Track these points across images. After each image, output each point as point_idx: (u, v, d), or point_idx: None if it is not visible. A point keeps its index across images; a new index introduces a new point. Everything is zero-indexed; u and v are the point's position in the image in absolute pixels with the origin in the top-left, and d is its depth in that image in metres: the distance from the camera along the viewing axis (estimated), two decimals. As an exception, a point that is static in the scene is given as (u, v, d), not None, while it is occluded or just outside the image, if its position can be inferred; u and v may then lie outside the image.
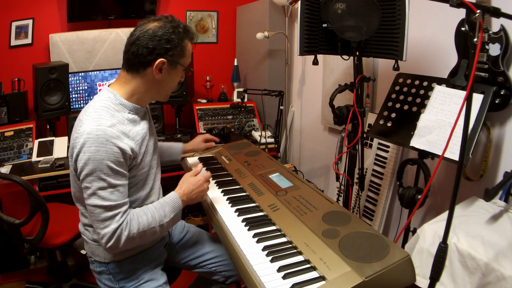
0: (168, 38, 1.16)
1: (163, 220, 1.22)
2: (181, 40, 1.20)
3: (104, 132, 1.09)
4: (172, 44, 1.17)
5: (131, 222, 1.14)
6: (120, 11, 2.99)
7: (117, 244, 1.12)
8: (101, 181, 1.09)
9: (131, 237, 1.14)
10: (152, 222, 1.19)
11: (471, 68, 0.86)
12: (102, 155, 1.08)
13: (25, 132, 2.54)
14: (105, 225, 1.10)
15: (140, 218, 1.17)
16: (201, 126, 3.05)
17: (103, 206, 1.10)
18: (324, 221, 1.16)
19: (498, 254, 1.11)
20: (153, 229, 1.19)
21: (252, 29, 3.05)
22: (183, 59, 1.23)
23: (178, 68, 1.23)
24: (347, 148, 1.75)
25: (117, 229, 1.11)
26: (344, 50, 1.74)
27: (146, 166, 1.27)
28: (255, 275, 1.00)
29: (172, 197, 1.28)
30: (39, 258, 2.58)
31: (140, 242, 1.20)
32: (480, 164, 1.64)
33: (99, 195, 1.09)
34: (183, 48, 1.21)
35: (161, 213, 1.22)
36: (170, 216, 1.24)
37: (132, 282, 1.30)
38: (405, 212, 2.05)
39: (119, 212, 1.12)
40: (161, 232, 1.25)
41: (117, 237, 1.11)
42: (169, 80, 1.25)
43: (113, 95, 1.21)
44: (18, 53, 2.81)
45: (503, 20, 1.05)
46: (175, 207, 1.26)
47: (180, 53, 1.21)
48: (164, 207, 1.24)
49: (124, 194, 1.15)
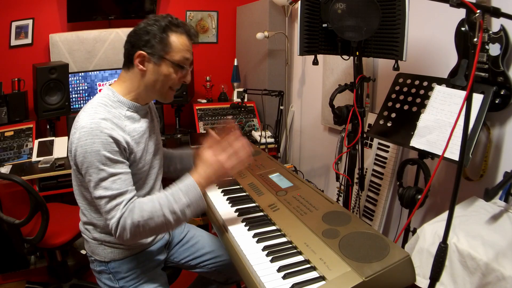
0: (146, 30, 1.16)
1: (174, 206, 1.11)
2: (162, 32, 1.15)
3: (98, 125, 1.09)
4: (150, 35, 1.15)
5: (134, 209, 1.10)
6: (120, 11, 2.99)
7: (125, 234, 1.08)
8: (101, 171, 1.09)
9: (136, 225, 1.09)
10: (160, 209, 1.10)
11: (471, 68, 0.86)
12: (98, 146, 1.08)
13: (25, 132, 2.54)
14: (111, 216, 1.09)
15: (145, 205, 1.11)
16: (201, 126, 3.05)
17: (107, 196, 1.09)
18: (324, 221, 1.16)
19: (498, 254, 1.11)
20: (161, 217, 1.10)
21: (252, 29, 3.05)
22: (169, 53, 1.17)
23: (164, 62, 1.17)
24: (347, 148, 1.74)
25: (121, 217, 1.08)
26: (344, 50, 1.74)
27: (147, 165, 1.27)
28: (255, 275, 1.00)
29: (187, 182, 1.15)
30: (39, 258, 2.58)
31: (151, 231, 1.13)
32: (480, 164, 1.63)
33: (101, 186, 1.09)
34: (163, 39, 1.15)
35: (170, 199, 1.12)
36: (183, 202, 1.12)
37: (132, 282, 1.30)
38: (405, 212, 2.05)
39: (122, 200, 1.10)
40: (176, 220, 1.12)
41: (122, 226, 1.08)
42: (158, 75, 1.19)
43: (112, 93, 1.22)
44: (18, 53, 2.81)
45: (503, 20, 1.05)
46: (189, 191, 1.13)
47: (162, 46, 1.16)
48: (177, 192, 1.13)
49: (127, 182, 1.13)
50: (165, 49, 1.17)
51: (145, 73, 1.19)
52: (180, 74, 1.23)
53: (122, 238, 1.10)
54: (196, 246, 1.54)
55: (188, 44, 1.21)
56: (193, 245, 1.54)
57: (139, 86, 1.22)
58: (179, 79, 1.24)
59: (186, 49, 1.20)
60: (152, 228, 1.12)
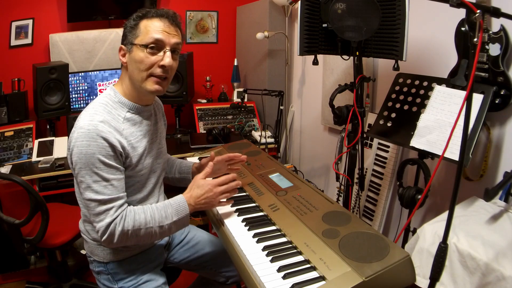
0: (124, 26, 1.21)
1: (164, 222, 1.18)
2: (133, 21, 1.18)
3: (95, 127, 1.10)
4: (126, 29, 1.20)
5: (126, 218, 1.13)
6: (120, 11, 2.99)
7: (111, 239, 1.11)
8: (94, 175, 1.09)
9: (125, 233, 1.12)
10: (150, 222, 1.16)
11: (471, 68, 0.86)
12: (94, 149, 1.08)
13: (25, 132, 2.54)
14: (99, 219, 1.11)
15: (137, 216, 1.15)
16: (201, 126, 3.05)
17: (97, 200, 1.10)
18: (324, 221, 1.16)
19: (498, 254, 1.11)
20: (150, 229, 1.16)
21: (252, 29, 3.05)
22: (137, 37, 1.16)
23: (135, 47, 1.17)
24: (347, 148, 1.74)
25: (111, 223, 1.10)
26: (344, 50, 1.74)
27: (145, 169, 1.27)
28: (255, 275, 1.00)
29: (178, 200, 1.23)
30: (39, 258, 2.58)
31: (136, 241, 1.17)
32: (480, 164, 1.63)
33: (93, 188, 1.10)
34: (133, 27, 1.17)
35: (162, 214, 1.18)
36: (172, 219, 1.19)
37: (131, 282, 1.30)
38: (405, 212, 2.05)
39: (113, 206, 1.11)
40: (161, 234, 1.20)
41: (111, 231, 1.10)
42: (133, 63, 1.18)
43: (113, 92, 1.22)
44: (18, 53, 2.81)
45: (503, 20, 1.05)
46: (180, 210, 1.21)
47: (133, 33, 1.17)
48: (167, 208, 1.20)
49: (119, 188, 1.14)
50: (135, 35, 1.17)
51: (127, 65, 1.20)
52: (154, 58, 1.17)
53: (108, 243, 1.13)
54: (197, 247, 1.54)
55: (160, 25, 1.17)
56: (193, 246, 1.54)
57: (128, 81, 1.22)
58: (155, 62, 1.17)
59: (156, 30, 1.16)
60: (138, 238, 1.17)
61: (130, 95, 1.23)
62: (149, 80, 1.18)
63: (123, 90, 1.23)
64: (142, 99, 1.26)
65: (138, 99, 1.25)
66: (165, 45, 1.18)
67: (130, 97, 1.23)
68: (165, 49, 1.18)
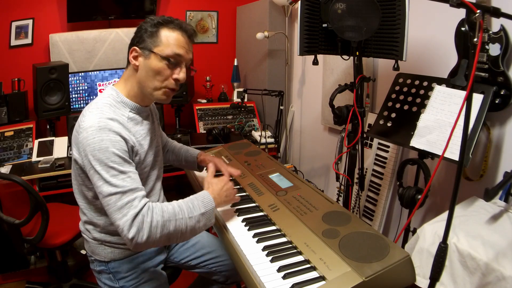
0: (141, 27, 1.19)
1: (193, 212, 1.12)
2: (153, 27, 1.17)
3: (106, 124, 1.09)
4: (142, 31, 1.18)
5: (154, 208, 1.06)
6: (120, 11, 2.99)
7: (141, 234, 1.02)
8: (111, 169, 1.05)
9: (155, 225, 1.04)
10: (179, 213, 1.09)
11: (471, 68, 0.86)
12: (107, 143, 1.06)
13: (25, 132, 2.54)
14: (123, 214, 1.02)
15: (165, 207, 1.09)
16: (201, 126, 3.05)
17: (117, 192, 1.04)
18: (324, 221, 1.16)
19: (498, 254, 1.11)
20: (180, 221, 1.09)
21: (252, 29, 3.05)
22: (158, 47, 1.16)
23: (153, 56, 1.16)
24: (347, 148, 1.74)
25: (137, 215, 1.02)
26: (344, 50, 1.74)
27: (147, 167, 1.27)
28: (255, 275, 1.00)
29: (202, 194, 1.20)
30: (39, 258, 2.58)
31: (167, 237, 1.08)
32: (480, 164, 1.63)
33: (111, 183, 1.04)
34: (153, 34, 1.16)
35: (189, 206, 1.13)
36: (200, 210, 1.14)
37: (132, 282, 1.30)
38: (405, 212, 2.05)
39: (135, 197, 1.05)
40: (192, 229, 1.12)
41: (139, 225, 1.02)
42: (147, 69, 1.17)
43: (115, 93, 1.22)
44: (18, 53, 2.82)
45: (503, 20, 1.05)
46: (205, 202, 1.17)
47: (152, 40, 1.16)
48: (193, 201, 1.16)
49: (137, 180, 1.10)
50: (154, 43, 1.16)
51: (138, 68, 1.19)
52: (172, 71, 1.19)
53: (136, 240, 1.02)
54: (197, 246, 1.54)
55: (181, 40, 1.18)
56: (193, 245, 1.54)
57: (135, 84, 1.22)
58: (171, 76, 1.19)
59: (177, 44, 1.17)
60: (169, 233, 1.08)
61: (133, 97, 1.23)
62: (161, 90, 1.21)
63: (127, 91, 1.23)
64: (144, 101, 1.26)
65: (141, 100, 1.25)
66: (183, 60, 1.20)
67: (133, 98, 1.23)
68: (182, 65, 1.21)
